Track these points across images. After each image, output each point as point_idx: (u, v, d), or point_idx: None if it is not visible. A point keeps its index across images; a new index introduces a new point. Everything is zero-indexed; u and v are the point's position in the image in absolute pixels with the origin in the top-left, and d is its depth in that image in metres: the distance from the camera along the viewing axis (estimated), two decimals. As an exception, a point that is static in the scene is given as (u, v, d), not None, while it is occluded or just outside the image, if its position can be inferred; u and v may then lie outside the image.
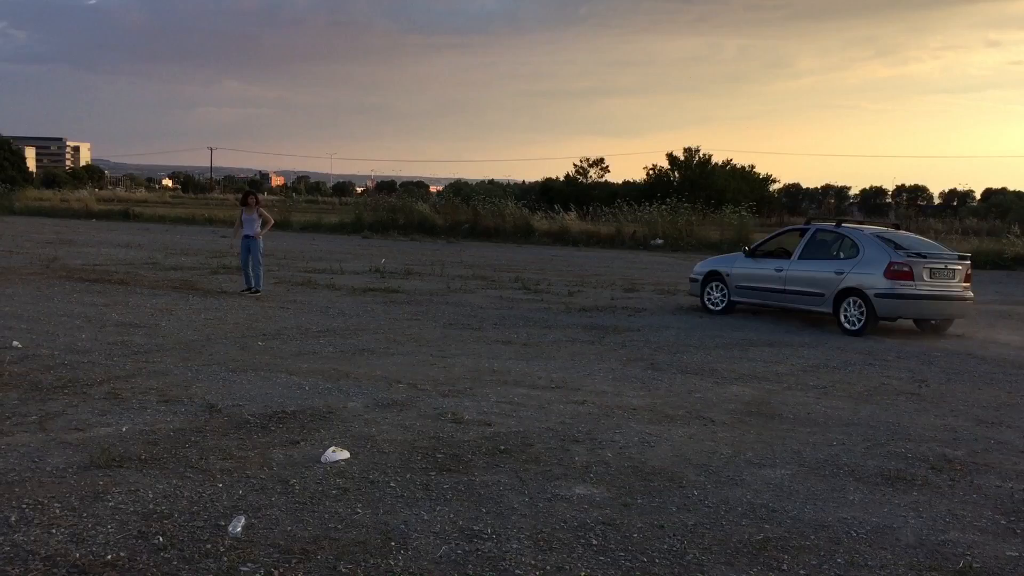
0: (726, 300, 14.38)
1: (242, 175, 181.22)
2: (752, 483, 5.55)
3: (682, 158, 57.55)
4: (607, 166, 64.35)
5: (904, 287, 12.24)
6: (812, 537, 4.68)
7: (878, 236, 13.21)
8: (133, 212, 42.81)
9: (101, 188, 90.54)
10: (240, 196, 17.29)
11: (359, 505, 4.84)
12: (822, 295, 12.95)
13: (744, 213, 34.27)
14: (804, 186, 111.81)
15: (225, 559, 4.06)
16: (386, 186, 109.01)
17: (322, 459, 5.58)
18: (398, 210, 37.47)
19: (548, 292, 16.41)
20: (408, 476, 5.37)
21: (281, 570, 3.98)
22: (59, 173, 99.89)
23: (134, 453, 5.55)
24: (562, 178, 64.46)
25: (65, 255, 20.31)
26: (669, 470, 5.73)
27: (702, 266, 15.17)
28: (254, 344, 9.75)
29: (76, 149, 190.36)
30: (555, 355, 9.92)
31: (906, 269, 12.26)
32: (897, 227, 15.20)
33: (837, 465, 6.02)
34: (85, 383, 7.45)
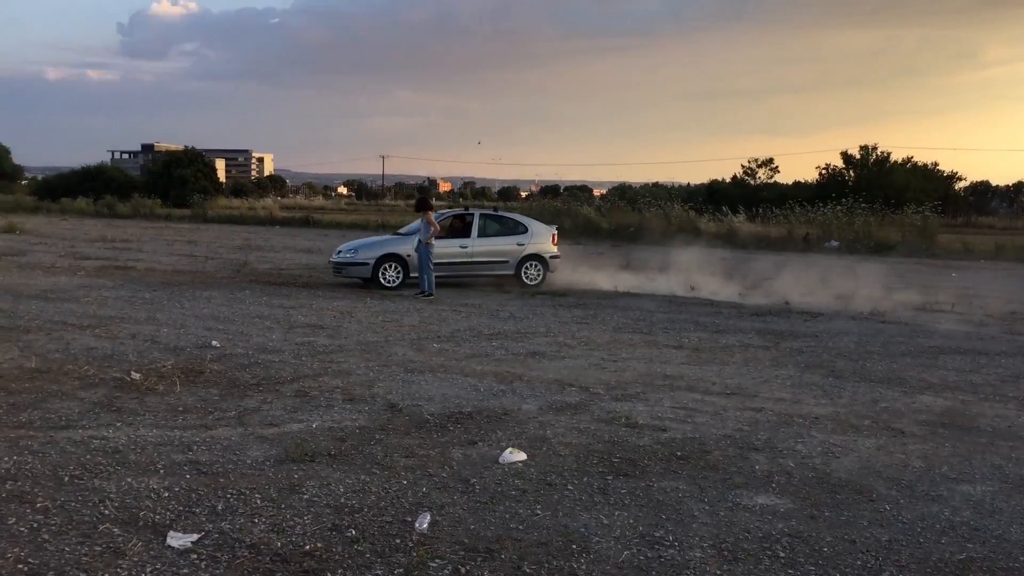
0: (401, 277, 16.16)
1: (411, 182, 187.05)
2: (950, 499, 5.23)
3: (858, 156, 55.13)
4: (776, 166, 62.49)
5: (559, 250, 17.73)
6: (1021, 559, 4.36)
7: (531, 218, 18.70)
8: (312, 219, 45.01)
9: (283, 196, 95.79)
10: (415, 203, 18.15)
11: (538, 506, 4.89)
12: (507, 262, 16.95)
13: (927, 213, 32.42)
14: (993, 183, 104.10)
15: (414, 554, 4.19)
16: (550, 190, 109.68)
17: (500, 460, 5.68)
18: (563, 214, 37.66)
19: (718, 295, 16.10)
20: (585, 480, 5.38)
21: (467, 567, 4.07)
22: (245, 183, 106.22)
23: (324, 449, 5.83)
24: (728, 180, 63.08)
25: (254, 260, 21.61)
26: (857, 482, 5.48)
27: (368, 253, 16.30)
28: (429, 346, 10.04)
29: (260, 160, 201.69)
30: (728, 360, 9.69)
31: (555, 237, 17.55)
32: (496, 209, 19.44)
33: (1045, 483, 5.58)
34: (277, 381, 7.89)
